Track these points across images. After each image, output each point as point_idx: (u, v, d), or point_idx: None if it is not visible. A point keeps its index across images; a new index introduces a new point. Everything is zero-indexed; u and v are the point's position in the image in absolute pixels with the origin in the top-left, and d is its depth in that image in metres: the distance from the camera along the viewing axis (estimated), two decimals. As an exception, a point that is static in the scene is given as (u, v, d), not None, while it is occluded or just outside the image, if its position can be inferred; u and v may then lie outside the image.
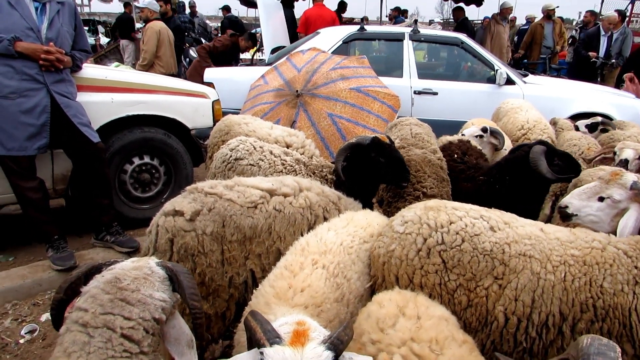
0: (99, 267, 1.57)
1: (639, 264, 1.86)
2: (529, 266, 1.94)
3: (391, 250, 2.10)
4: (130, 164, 4.55)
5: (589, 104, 6.25)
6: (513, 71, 6.82)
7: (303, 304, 1.77)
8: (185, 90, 4.80)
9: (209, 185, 2.54)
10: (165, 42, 7.76)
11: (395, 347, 1.54)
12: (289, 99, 5.80)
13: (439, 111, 6.37)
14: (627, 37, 9.79)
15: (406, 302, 1.74)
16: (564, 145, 4.52)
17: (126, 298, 1.43)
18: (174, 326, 1.54)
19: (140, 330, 1.41)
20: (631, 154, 3.24)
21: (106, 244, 4.13)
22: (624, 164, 3.19)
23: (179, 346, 1.53)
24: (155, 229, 2.32)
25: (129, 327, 1.39)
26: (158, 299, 1.48)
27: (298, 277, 1.88)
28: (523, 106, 5.24)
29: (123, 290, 1.44)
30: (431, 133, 4.10)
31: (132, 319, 1.40)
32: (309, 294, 1.82)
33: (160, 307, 1.47)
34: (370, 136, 3.14)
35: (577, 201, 2.53)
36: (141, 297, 1.44)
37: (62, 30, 3.74)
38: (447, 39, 7.15)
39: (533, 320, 1.91)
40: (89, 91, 4.11)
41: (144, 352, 1.41)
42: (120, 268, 1.52)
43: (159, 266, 1.58)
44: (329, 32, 7.12)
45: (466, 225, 2.06)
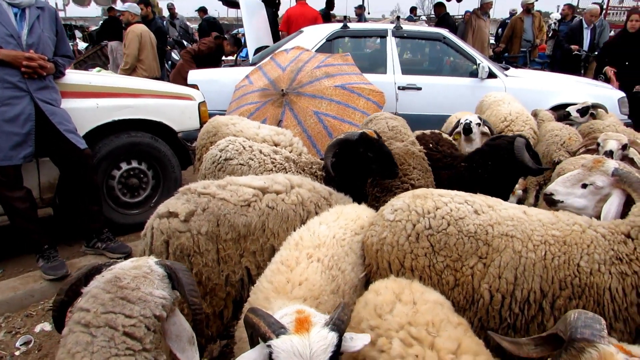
0: (99, 268, 1.59)
1: (616, 247, 1.95)
2: (511, 245, 2.05)
3: (383, 237, 2.21)
4: (117, 170, 4.53)
5: (568, 95, 6.36)
6: (495, 65, 6.93)
7: (302, 296, 1.80)
8: (171, 93, 4.79)
9: (201, 185, 2.55)
10: (147, 45, 7.72)
11: (393, 332, 1.59)
12: (275, 98, 5.82)
13: (423, 106, 6.45)
14: (605, 29, 10.04)
15: (402, 288, 1.80)
16: (546, 135, 4.62)
17: (127, 296, 1.44)
18: (174, 323, 1.56)
19: (142, 327, 1.43)
20: (615, 145, 3.33)
21: (97, 251, 4.11)
22: (609, 156, 3.26)
23: (180, 342, 1.55)
24: (150, 231, 2.33)
25: (131, 324, 1.41)
26: (158, 297, 1.50)
27: (295, 271, 1.91)
28: (505, 99, 5.33)
29: (123, 288, 1.46)
30: (406, 125, 4.13)
31: (133, 317, 1.42)
32: (307, 287, 1.85)
33: (160, 304, 1.49)
34: (358, 132, 3.16)
35: (562, 188, 2.61)
36: (141, 295, 1.46)
37: (43, 36, 3.70)
38: (429, 34, 7.22)
39: (516, 296, 2.01)
40: (74, 97, 4.08)
41: (147, 349, 1.42)
42: (120, 268, 1.54)
43: (158, 265, 1.60)
44: (313, 31, 7.14)
45: (451, 210, 2.17)
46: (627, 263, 1.89)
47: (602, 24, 9.94)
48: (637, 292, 1.86)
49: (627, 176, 2.39)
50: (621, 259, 1.91)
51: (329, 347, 1.33)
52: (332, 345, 1.34)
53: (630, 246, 1.92)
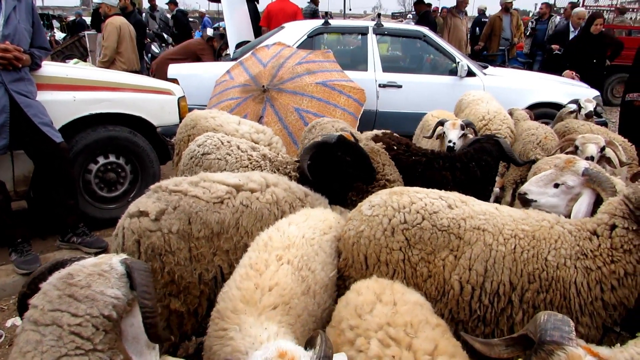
0: (63, 263, 1.53)
1: (581, 242, 2.01)
2: (482, 238, 2.10)
3: (360, 231, 2.25)
4: (95, 164, 4.46)
5: (545, 94, 6.50)
6: (474, 63, 7.02)
7: (272, 304, 1.78)
8: (151, 87, 4.73)
9: (173, 183, 2.52)
10: (127, 37, 7.58)
11: (372, 332, 1.61)
12: (256, 94, 5.80)
13: (403, 103, 6.52)
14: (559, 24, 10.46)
15: (383, 289, 1.83)
16: (522, 134, 4.72)
17: (74, 294, 1.39)
18: (132, 324, 1.49)
19: (89, 327, 1.37)
20: (594, 149, 3.40)
21: (72, 246, 4.05)
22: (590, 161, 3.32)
23: (138, 345, 1.49)
24: (122, 231, 2.29)
25: (76, 323, 1.36)
26: (109, 296, 1.43)
27: (264, 275, 1.90)
28: (484, 98, 5.41)
29: (72, 286, 1.40)
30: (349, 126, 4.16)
31: (79, 316, 1.37)
32: (278, 293, 1.84)
33: (110, 304, 1.42)
34: (335, 134, 3.10)
35: (535, 187, 2.67)
36: (89, 294, 1.40)
37: (20, 27, 3.64)
38: (409, 32, 7.28)
39: (485, 288, 2.06)
40: (50, 90, 4.01)
41: (99, 350, 1.37)
42: (79, 264, 1.48)
43: (120, 262, 1.53)
44: (294, 27, 7.14)
45: (425, 204, 2.22)
46: (591, 258, 1.95)
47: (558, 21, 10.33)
48: (601, 287, 1.92)
49: (596, 176, 2.46)
50: (586, 255, 1.97)
51: None
52: None
53: (595, 242, 1.98)
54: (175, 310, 2.32)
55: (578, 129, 4.78)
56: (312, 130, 4.13)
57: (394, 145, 3.84)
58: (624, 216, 1.98)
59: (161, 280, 2.25)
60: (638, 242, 1.91)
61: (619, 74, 12.50)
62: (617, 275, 1.90)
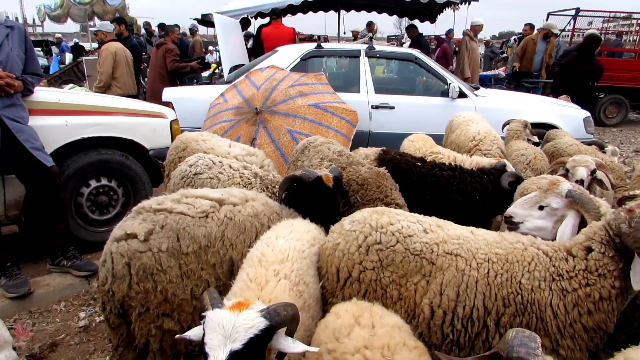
0: None
1: (557, 263, 2.01)
2: (454, 264, 2.12)
3: (337, 243, 2.32)
4: (87, 187, 4.49)
5: (536, 114, 6.56)
6: (465, 85, 7.11)
7: None
8: (143, 111, 4.78)
9: (155, 202, 2.53)
10: (122, 63, 7.70)
11: (349, 355, 1.62)
12: (249, 116, 5.86)
13: (396, 124, 6.56)
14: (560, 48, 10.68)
15: (362, 312, 1.84)
16: (512, 154, 4.76)
17: None
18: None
19: None
20: (584, 173, 3.42)
21: (63, 269, 4.05)
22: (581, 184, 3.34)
23: None
24: (110, 256, 2.30)
25: None
26: None
27: (265, 290, 1.92)
28: (474, 119, 5.47)
29: None
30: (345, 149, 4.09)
31: None
32: None
33: None
34: (315, 173, 2.94)
35: (520, 210, 2.68)
36: None
37: (12, 54, 3.71)
38: (401, 55, 7.39)
39: (458, 313, 2.07)
40: (42, 115, 4.06)
41: None
42: None
43: None
44: (287, 50, 7.24)
45: (402, 227, 2.26)
46: (567, 280, 1.95)
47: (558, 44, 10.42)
48: (578, 310, 1.92)
49: (579, 198, 2.47)
50: (562, 275, 1.96)
51: (252, 329, 1.39)
52: (255, 329, 1.39)
53: (571, 263, 1.98)
54: (169, 329, 2.33)
55: (567, 149, 4.83)
56: (304, 151, 4.04)
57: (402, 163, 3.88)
58: (602, 241, 1.98)
59: (154, 300, 2.28)
60: (613, 268, 1.91)
61: (611, 95, 12.67)
62: (592, 299, 1.90)
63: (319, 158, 3.72)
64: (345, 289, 2.28)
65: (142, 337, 2.33)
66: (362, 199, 3.30)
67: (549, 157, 4.92)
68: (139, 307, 2.29)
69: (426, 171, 3.80)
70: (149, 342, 2.34)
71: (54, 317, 3.61)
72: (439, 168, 3.82)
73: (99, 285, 2.36)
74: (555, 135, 5.56)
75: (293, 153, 4.24)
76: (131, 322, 2.34)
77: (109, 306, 2.34)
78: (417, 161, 3.93)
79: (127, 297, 2.28)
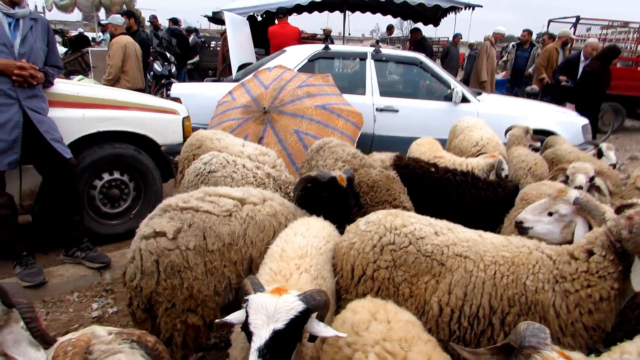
0: None
1: (560, 266, 2.15)
2: (463, 265, 2.26)
3: (352, 242, 2.46)
4: (99, 180, 4.59)
5: (536, 121, 6.70)
6: (468, 90, 7.25)
7: None
8: (157, 107, 4.89)
9: (181, 200, 2.63)
10: (132, 56, 7.78)
11: (369, 347, 1.74)
12: (257, 115, 5.98)
13: (399, 128, 6.69)
14: None
15: (377, 308, 1.96)
16: (513, 160, 4.91)
17: None
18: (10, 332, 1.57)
19: None
20: (583, 180, 3.60)
21: (76, 260, 4.15)
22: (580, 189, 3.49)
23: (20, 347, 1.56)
24: (139, 253, 2.39)
25: None
26: None
27: (290, 282, 2.05)
28: (477, 124, 5.61)
29: None
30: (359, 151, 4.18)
31: None
32: None
33: None
34: (330, 174, 3.07)
35: (531, 216, 2.82)
36: None
37: (35, 46, 3.80)
38: (406, 58, 7.51)
39: (465, 311, 2.21)
40: (61, 107, 4.16)
41: None
42: None
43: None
44: (295, 51, 7.35)
45: (415, 229, 2.41)
46: (570, 281, 2.09)
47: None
48: (579, 310, 2.06)
49: (586, 204, 2.61)
50: (565, 278, 2.11)
51: (292, 310, 1.54)
52: (295, 310, 1.54)
53: (573, 266, 2.12)
54: (193, 324, 2.45)
55: (566, 156, 4.99)
56: (320, 151, 4.17)
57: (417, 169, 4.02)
58: (603, 245, 2.11)
59: (180, 296, 2.39)
60: (613, 271, 2.05)
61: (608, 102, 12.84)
62: (593, 299, 2.04)
63: (333, 159, 3.85)
64: (359, 286, 2.41)
65: (167, 331, 2.44)
66: (372, 201, 3.44)
67: (548, 163, 5.07)
68: (166, 302, 2.40)
69: (439, 176, 3.94)
70: (173, 336, 2.45)
71: (67, 307, 3.72)
72: (451, 173, 3.97)
73: (127, 281, 2.46)
74: (554, 142, 5.72)
75: (308, 152, 4.38)
76: (156, 317, 2.44)
77: (137, 301, 2.45)
78: (430, 167, 4.08)
79: (154, 293, 2.39)
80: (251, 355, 1.45)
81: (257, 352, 1.45)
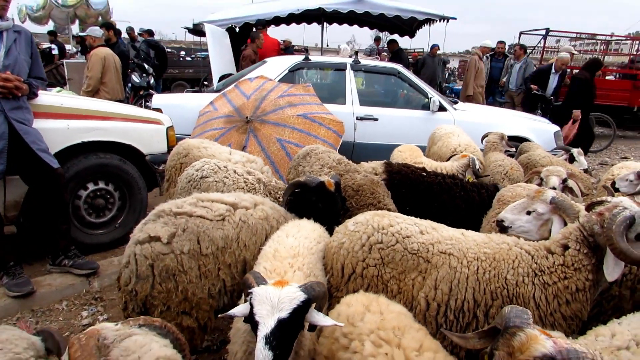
0: None
1: (538, 261, 2.31)
2: (447, 262, 2.39)
3: (342, 242, 2.57)
4: (84, 190, 4.59)
5: (511, 128, 6.96)
6: (444, 99, 7.48)
7: None
8: (141, 117, 4.93)
9: (175, 205, 2.70)
10: (111, 68, 7.78)
11: (365, 335, 1.85)
12: (239, 125, 6.06)
13: (379, 136, 6.86)
14: (529, 66, 11.19)
15: (370, 301, 2.08)
16: (490, 165, 5.10)
17: None
18: None
19: None
20: (556, 182, 3.79)
21: (64, 269, 4.14)
22: None
23: None
24: (134, 258, 2.45)
25: None
26: None
27: (285, 279, 2.12)
28: (455, 131, 5.82)
29: None
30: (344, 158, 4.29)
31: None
32: None
33: None
34: (318, 179, 3.16)
35: (510, 215, 2.97)
36: None
37: (19, 58, 3.83)
38: (385, 69, 7.71)
39: (451, 305, 2.33)
40: (45, 118, 4.16)
41: None
42: None
43: None
44: (276, 61, 7.48)
45: (401, 228, 2.53)
46: (548, 274, 2.24)
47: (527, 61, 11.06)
48: (557, 300, 2.20)
49: (562, 203, 2.78)
50: (543, 271, 2.26)
51: (295, 300, 1.64)
52: (297, 300, 1.64)
53: (550, 260, 2.28)
54: (188, 326, 2.51)
55: (540, 161, 5.21)
56: (306, 157, 4.28)
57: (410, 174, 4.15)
58: (577, 240, 2.28)
59: (175, 299, 2.45)
60: (587, 263, 2.22)
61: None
62: (570, 290, 2.20)
63: (319, 165, 3.97)
64: (349, 283, 2.51)
65: (162, 334, 2.49)
66: (357, 204, 3.56)
67: (523, 167, 5.28)
68: (161, 305, 2.46)
69: (431, 180, 4.09)
70: (167, 339, 2.51)
71: (57, 316, 3.71)
72: (441, 177, 4.14)
73: (122, 286, 2.50)
74: (528, 147, 5.95)
75: (294, 158, 4.47)
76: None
77: (132, 305, 2.50)
78: (422, 171, 4.23)
79: (149, 296, 2.45)
80: (258, 343, 1.53)
81: (264, 339, 1.53)
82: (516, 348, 1.49)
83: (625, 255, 2.08)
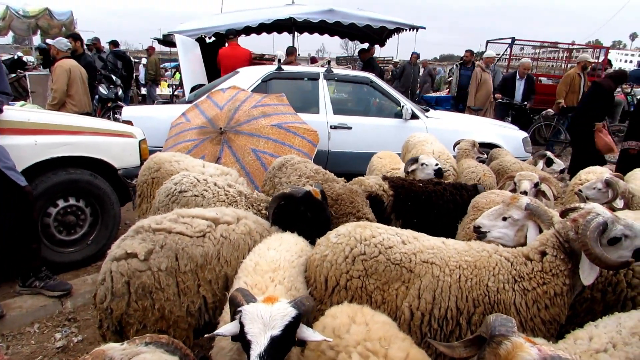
0: None
1: (518, 267, 2.36)
2: (430, 271, 2.41)
3: (325, 255, 2.55)
4: (54, 207, 4.45)
5: (481, 135, 7.11)
6: (416, 107, 7.60)
7: None
8: (112, 130, 4.82)
9: (154, 221, 2.64)
10: (77, 80, 7.56)
11: (352, 347, 1.85)
12: (213, 136, 5.99)
13: (353, 144, 6.92)
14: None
15: (355, 312, 2.07)
16: (464, 172, 5.20)
17: None
18: None
19: None
20: (528, 186, 3.89)
21: (34, 290, 3.99)
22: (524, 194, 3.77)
23: None
24: (110, 275, 2.38)
25: None
26: None
27: (267, 294, 2.10)
28: (428, 139, 5.91)
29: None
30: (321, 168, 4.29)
31: None
32: None
33: None
34: (304, 189, 3.16)
35: (487, 221, 3.02)
36: None
37: None
38: (357, 78, 7.78)
39: (434, 314, 2.35)
40: (11, 134, 4.02)
41: None
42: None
43: None
44: (248, 72, 7.45)
45: (383, 239, 2.54)
46: (527, 280, 2.29)
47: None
48: (537, 305, 2.25)
49: (536, 210, 2.85)
50: (523, 277, 2.31)
51: (287, 317, 1.64)
52: (289, 316, 1.64)
53: (529, 266, 2.33)
54: (164, 345, 2.42)
55: (511, 167, 5.35)
56: (282, 168, 4.25)
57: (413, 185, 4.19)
58: (554, 246, 2.34)
59: (152, 317, 2.38)
60: (564, 268, 2.28)
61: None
62: (548, 295, 2.25)
63: (297, 175, 3.95)
64: (333, 296, 2.51)
65: (137, 354, 2.42)
66: (336, 213, 3.55)
67: (495, 173, 5.41)
68: (137, 324, 2.40)
69: (429, 189, 4.14)
70: (145, 358, 2.44)
71: (29, 340, 3.56)
72: (431, 184, 4.21)
73: (98, 303, 2.43)
74: (499, 154, 6.10)
75: (269, 170, 4.43)
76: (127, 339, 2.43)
77: (107, 323, 2.43)
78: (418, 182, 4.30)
79: (125, 314, 2.38)
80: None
81: (258, 358, 1.51)
82: (503, 356, 1.51)
83: (600, 260, 2.14)
